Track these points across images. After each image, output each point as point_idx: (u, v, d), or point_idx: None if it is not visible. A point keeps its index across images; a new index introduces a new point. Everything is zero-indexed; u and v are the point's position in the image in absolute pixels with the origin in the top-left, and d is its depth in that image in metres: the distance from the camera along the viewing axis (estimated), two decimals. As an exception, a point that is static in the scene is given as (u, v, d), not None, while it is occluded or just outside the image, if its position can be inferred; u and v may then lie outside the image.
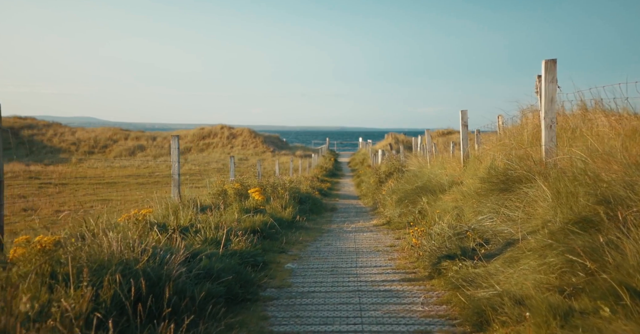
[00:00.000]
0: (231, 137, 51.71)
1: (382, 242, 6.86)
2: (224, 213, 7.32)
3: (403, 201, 8.97)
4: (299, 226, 8.39)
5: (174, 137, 8.22)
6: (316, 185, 20.21)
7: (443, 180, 8.50)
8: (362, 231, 8.12)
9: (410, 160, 14.42)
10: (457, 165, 9.10)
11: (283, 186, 11.32)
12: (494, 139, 9.25)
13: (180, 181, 8.36)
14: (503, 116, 10.33)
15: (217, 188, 9.69)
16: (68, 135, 50.81)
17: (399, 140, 44.23)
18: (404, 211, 8.77)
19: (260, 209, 7.85)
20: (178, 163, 8.37)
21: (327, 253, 6.09)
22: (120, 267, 3.01)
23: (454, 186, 7.96)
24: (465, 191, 7.15)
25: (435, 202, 7.80)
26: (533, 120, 8.12)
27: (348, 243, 6.89)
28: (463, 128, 8.68)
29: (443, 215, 6.86)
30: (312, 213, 11.36)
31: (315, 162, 34.95)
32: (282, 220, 8.14)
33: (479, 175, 7.17)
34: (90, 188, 28.20)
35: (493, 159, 7.15)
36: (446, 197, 7.57)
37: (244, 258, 4.76)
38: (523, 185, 4.99)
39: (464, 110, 8.68)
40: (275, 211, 8.67)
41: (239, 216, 6.88)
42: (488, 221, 5.09)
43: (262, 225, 6.69)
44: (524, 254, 3.89)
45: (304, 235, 7.55)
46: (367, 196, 15.97)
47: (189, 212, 6.14)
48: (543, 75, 4.92)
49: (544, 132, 5.07)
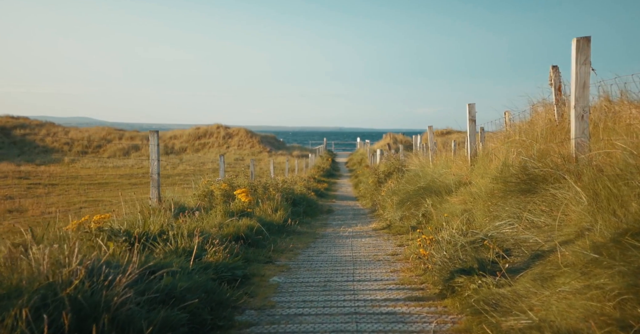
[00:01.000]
0: (227, 136, 50.96)
1: (383, 249, 6.11)
2: (206, 217, 6.57)
3: (405, 204, 8.22)
4: (291, 231, 7.63)
5: (153, 132, 7.46)
6: (312, 185, 19.49)
7: (449, 180, 7.76)
8: (360, 237, 7.37)
9: (410, 159, 13.68)
10: (463, 164, 8.36)
11: (275, 187, 10.57)
12: (500, 136, 8.53)
13: (160, 182, 7.59)
14: (510, 112, 9.62)
15: (202, 189, 8.93)
16: (61, 134, 50.01)
17: (398, 140, 43.55)
18: (405, 214, 8.02)
19: (247, 212, 7.09)
20: (157, 162, 7.60)
21: (320, 262, 5.34)
22: (38, 295, 2.25)
23: (461, 187, 7.23)
24: (475, 192, 6.42)
25: (441, 205, 7.06)
26: (546, 115, 7.42)
27: (344, 250, 6.14)
28: (470, 123, 7.94)
29: (451, 219, 6.12)
30: (307, 215, 10.61)
31: (312, 162, 34.23)
32: (272, 224, 7.39)
33: (490, 174, 6.44)
34: (81, 189, 27.43)
35: (506, 156, 6.43)
36: (453, 199, 6.83)
37: (220, 272, 4.01)
38: (549, 186, 4.25)
39: (472, 104, 7.94)
40: (265, 214, 7.92)
41: (222, 220, 6.13)
42: (507, 228, 4.35)
43: (247, 231, 5.94)
44: (560, 271, 3.14)
45: (295, 241, 6.80)
46: (366, 197, 15.22)
47: (161, 217, 5.38)
48: (574, 56, 4.18)
49: (574, 124, 4.32)
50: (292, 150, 48.89)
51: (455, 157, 9.27)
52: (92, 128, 53.02)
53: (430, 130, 11.65)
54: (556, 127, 6.72)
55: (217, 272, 3.97)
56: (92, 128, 52.66)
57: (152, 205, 7.43)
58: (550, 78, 7.28)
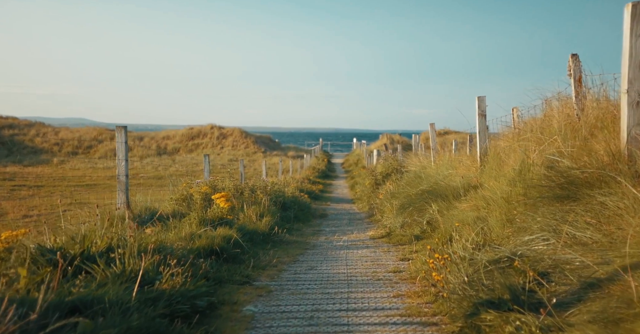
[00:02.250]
0: (221, 137, 50.00)
1: (383, 265, 5.20)
2: (179, 225, 5.66)
3: (406, 209, 7.33)
4: (278, 241, 6.72)
5: (120, 128, 6.54)
6: (306, 187, 18.60)
7: (456, 183, 6.88)
8: (356, 247, 6.47)
9: (410, 159, 12.80)
10: (471, 165, 7.48)
11: (263, 190, 9.67)
12: (508, 134, 7.67)
13: (128, 185, 6.67)
14: (519, 108, 8.76)
15: (180, 193, 8.01)
16: (51, 135, 48.94)
17: (395, 140, 42.71)
18: (407, 221, 7.13)
19: (226, 219, 6.18)
20: (126, 162, 6.68)
21: (309, 283, 4.44)
22: None
23: (470, 190, 6.35)
24: (489, 197, 5.54)
25: (448, 211, 6.18)
26: (563, 110, 6.56)
27: (338, 265, 5.24)
28: (480, 118, 7.06)
29: (462, 229, 5.24)
30: (298, 220, 9.71)
31: (307, 162, 33.35)
32: (256, 233, 6.48)
33: (506, 176, 5.57)
34: (67, 191, 26.43)
35: (524, 155, 5.56)
36: (463, 205, 5.94)
37: (176, 304, 3.10)
38: (595, 191, 3.37)
39: (482, 96, 7.05)
40: (249, 221, 7.01)
41: (195, 230, 5.21)
42: (541, 244, 3.46)
43: (223, 243, 5.02)
44: (634, 311, 2.27)
45: (281, 253, 5.89)
46: (362, 200, 14.33)
47: (117, 228, 4.46)
48: (627, 26, 3.30)
49: (627, 112, 3.44)
50: (288, 151, 48.01)
51: (462, 157, 8.39)
52: (82, 128, 51.93)
53: (432, 128, 10.77)
54: (577, 123, 5.89)
55: (171, 304, 3.06)
56: (83, 129, 51.58)
57: (118, 212, 6.52)
58: (569, 68, 6.41)
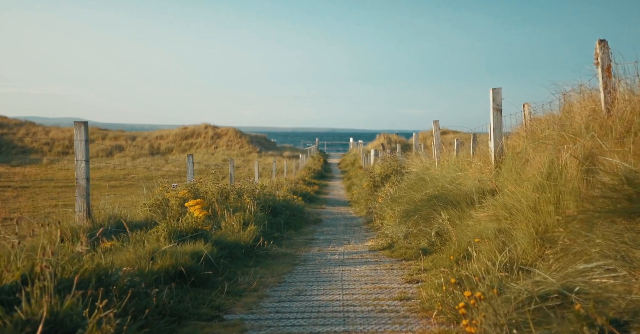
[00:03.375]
0: (215, 136, 49.05)
1: (386, 288, 4.29)
2: (140, 240, 4.73)
3: (411, 216, 6.42)
4: (263, 255, 5.80)
5: (79, 124, 5.63)
6: (301, 188, 17.71)
7: (467, 187, 5.98)
8: (353, 262, 5.56)
9: (411, 160, 11.90)
10: (484, 166, 6.58)
11: (251, 193, 8.75)
12: (521, 132, 6.79)
13: (89, 190, 5.75)
14: (530, 105, 7.88)
15: (155, 198, 7.09)
16: (41, 134, 47.91)
17: (392, 140, 41.89)
18: (412, 231, 6.22)
19: (202, 231, 5.25)
20: (86, 163, 5.76)
21: (295, 316, 3.52)
22: None
23: (487, 196, 5.46)
24: (512, 205, 4.65)
25: (461, 220, 5.28)
26: (587, 104, 5.70)
27: (332, 289, 4.33)
28: (495, 113, 6.16)
29: (481, 245, 4.35)
30: (289, 227, 8.80)
31: (303, 163, 32.45)
32: (238, 246, 5.57)
33: (531, 181, 4.68)
34: (53, 192, 25.46)
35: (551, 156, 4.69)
36: (479, 214, 5.04)
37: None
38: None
39: (497, 88, 6.15)
40: (231, 231, 6.09)
41: (158, 246, 4.29)
42: (606, 276, 2.57)
43: (191, 262, 4.11)
44: None
45: (265, 272, 4.98)
46: (359, 203, 13.43)
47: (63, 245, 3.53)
48: None
49: None
50: (283, 151, 47.12)
51: (471, 157, 7.49)
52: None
53: (435, 125, 9.87)
54: (606, 118, 5.02)
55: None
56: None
57: (75, 222, 5.60)
58: (596, 56, 5.52)
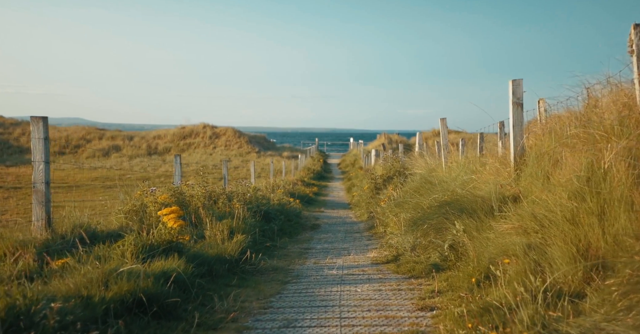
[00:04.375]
0: (214, 136, 48.32)
1: (395, 318, 3.53)
2: (102, 257, 3.98)
3: (419, 225, 5.66)
4: (250, 270, 5.04)
5: (36, 119, 4.86)
6: (299, 190, 16.97)
7: (484, 192, 5.22)
8: (354, 280, 4.80)
9: (415, 160, 11.15)
10: (502, 168, 5.82)
11: (242, 198, 7.99)
12: (537, 131, 6.03)
13: (49, 196, 4.99)
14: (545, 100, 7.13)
15: (131, 204, 6.33)
16: (37, 134, 47.06)
17: (393, 140, 41.15)
18: (421, 242, 5.46)
19: (177, 243, 4.50)
20: (46, 165, 5.01)
21: (279, 360, 2.78)
22: None
23: (508, 203, 4.70)
24: (543, 215, 3.91)
25: (480, 232, 4.52)
26: (618, 98, 4.94)
27: (328, 318, 3.57)
28: (515, 108, 5.40)
29: (507, 267, 3.61)
30: (284, 234, 8.05)
31: (302, 163, 31.69)
32: (220, 261, 4.81)
33: (566, 187, 3.95)
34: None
35: (591, 156, 3.97)
36: (502, 225, 4.28)
37: None
38: None
39: (517, 80, 5.38)
40: (213, 242, 5.33)
41: (119, 265, 3.54)
42: None
43: (155, 287, 3.35)
44: None
45: (250, 293, 4.23)
46: (360, 206, 12.67)
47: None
48: None
49: None
50: (282, 151, 46.38)
51: (487, 157, 6.72)
52: (71, 127, 50.14)
53: (443, 123, 9.10)
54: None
55: None
56: (71, 128, 49.79)
57: (31, 233, 4.86)
58: (631, 42, 4.75)
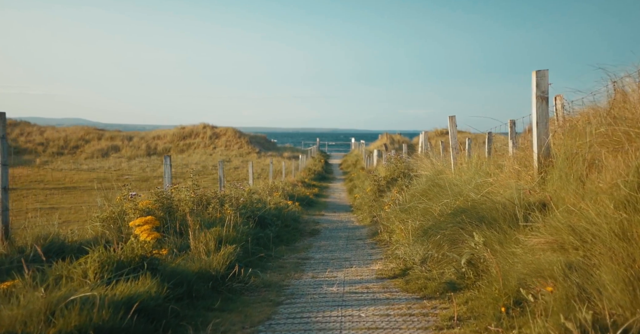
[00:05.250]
0: (214, 136, 47.77)
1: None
2: (58, 277, 3.35)
3: (430, 235, 5.01)
4: (237, 289, 4.38)
5: (-9, 116, 4.24)
6: (299, 191, 16.33)
7: (505, 198, 4.57)
8: (357, 300, 4.15)
9: (421, 161, 10.50)
10: (523, 171, 5.17)
11: (235, 202, 7.36)
12: (556, 129, 5.39)
13: (7, 203, 4.35)
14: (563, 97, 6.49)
15: (109, 210, 5.70)
16: (36, 134, 46.67)
17: (395, 140, 40.53)
18: (433, 255, 4.81)
19: (150, 260, 3.86)
20: (4, 168, 4.37)
21: None
22: None
23: (535, 211, 4.06)
24: (583, 228, 3.28)
25: (503, 246, 3.87)
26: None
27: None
28: (539, 102, 4.74)
29: (532, 280, 2.97)
30: (281, 241, 7.41)
31: (303, 164, 31.05)
32: (204, 277, 4.18)
33: (610, 194, 3.32)
34: (42, 195, 24.21)
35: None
36: (532, 239, 3.63)
37: None
38: None
39: (542, 71, 4.72)
40: (197, 255, 4.69)
41: (70, 291, 2.91)
42: None
43: (115, 319, 2.72)
44: None
45: (233, 319, 3.58)
46: (362, 209, 12.02)
47: None
48: None
49: None
50: (283, 151, 45.77)
51: (502, 158, 6.05)
52: (69, 127, 49.64)
53: (452, 121, 8.43)
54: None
55: None
56: (70, 128, 49.29)
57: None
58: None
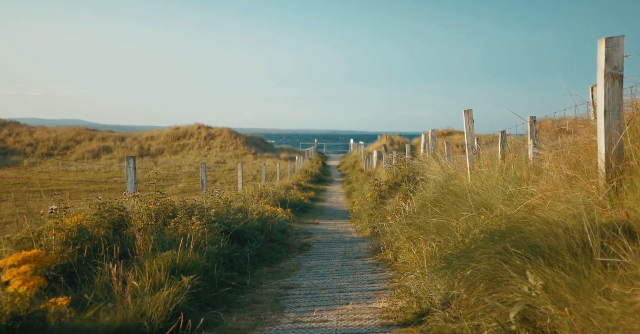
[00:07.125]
0: (209, 137, 46.49)
1: None
2: None
3: (456, 268, 3.64)
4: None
5: None
6: (293, 195, 15.00)
7: (567, 218, 3.22)
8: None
9: (428, 164, 9.15)
10: (581, 177, 3.80)
11: (205, 213, 5.97)
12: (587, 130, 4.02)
13: None
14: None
15: (25, 230, 4.31)
16: (25, 135, 45.32)
17: (395, 141, 39.23)
18: (462, 296, 3.45)
19: (27, 320, 2.50)
20: None
21: None
22: None
23: (618, 237, 2.70)
24: None
25: (580, 296, 2.52)
26: None
27: None
28: (608, 82, 3.37)
29: None
30: (262, 261, 6.05)
31: (299, 165, 29.72)
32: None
33: None
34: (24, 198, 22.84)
35: None
36: (632, 293, 2.29)
37: None
38: None
39: (614, 38, 3.34)
40: (126, 299, 3.33)
41: None
42: None
43: None
44: None
45: None
46: (362, 218, 10.66)
47: None
48: None
49: None
50: (280, 152, 44.46)
51: (549, 161, 4.68)
52: (60, 128, 48.32)
53: (468, 116, 7.07)
54: None
55: None
56: (61, 128, 47.98)
57: None
58: None
